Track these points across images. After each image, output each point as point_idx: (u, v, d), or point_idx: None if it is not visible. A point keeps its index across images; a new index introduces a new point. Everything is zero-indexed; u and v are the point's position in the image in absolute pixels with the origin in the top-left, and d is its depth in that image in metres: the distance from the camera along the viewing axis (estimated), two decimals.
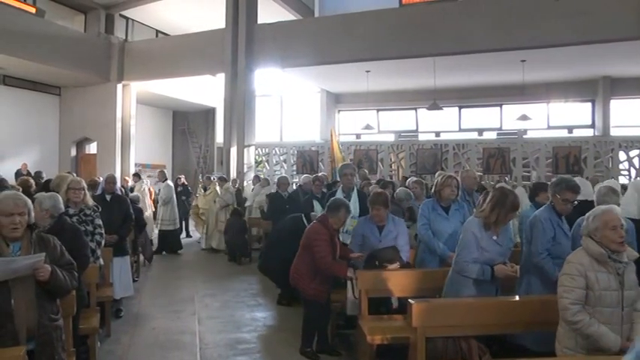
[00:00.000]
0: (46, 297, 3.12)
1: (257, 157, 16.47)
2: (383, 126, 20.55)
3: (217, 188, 12.60)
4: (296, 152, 15.89)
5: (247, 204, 12.56)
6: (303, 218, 6.79)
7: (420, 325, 3.67)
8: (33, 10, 15.87)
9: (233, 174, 15.11)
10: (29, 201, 3.22)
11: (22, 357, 2.72)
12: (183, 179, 15.31)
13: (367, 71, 15.68)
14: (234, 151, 15.51)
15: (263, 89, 18.37)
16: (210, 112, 21.67)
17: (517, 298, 4.31)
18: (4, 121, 16.37)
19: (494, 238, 4.11)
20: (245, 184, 14.88)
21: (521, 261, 4.53)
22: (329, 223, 5.22)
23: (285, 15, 17.45)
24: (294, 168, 15.89)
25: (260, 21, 15.77)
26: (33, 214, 3.22)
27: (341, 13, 14.97)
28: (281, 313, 7.07)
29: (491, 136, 17.88)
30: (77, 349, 4.16)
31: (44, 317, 3.08)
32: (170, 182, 12.79)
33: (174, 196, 12.50)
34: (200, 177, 15.69)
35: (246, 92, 15.46)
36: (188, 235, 14.45)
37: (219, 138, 19.06)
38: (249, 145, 15.56)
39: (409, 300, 3.81)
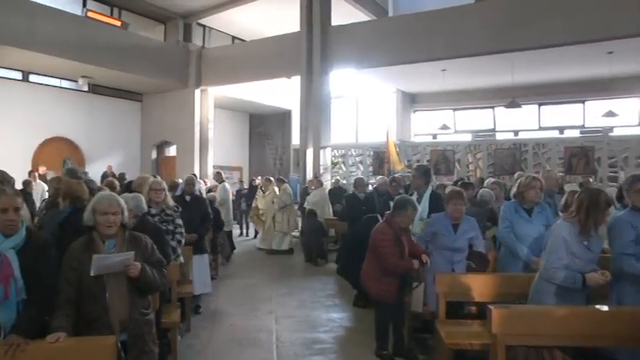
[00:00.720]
0: (136, 293, 3.29)
1: (333, 158, 16.51)
2: (459, 126, 20.17)
3: (275, 189, 12.72)
4: (372, 153, 15.78)
5: (305, 205, 12.70)
6: (379, 218, 6.74)
7: (500, 332, 3.52)
8: (118, 23, 16.86)
9: (309, 175, 15.25)
10: (122, 201, 3.41)
11: (114, 345, 2.89)
12: (257, 181, 15.56)
13: (443, 70, 15.41)
14: (310, 152, 15.64)
15: (338, 90, 18.41)
16: (286, 115, 21.95)
17: (606, 308, 3.89)
18: (93, 127, 17.40)
19: (585, 243, 3.84)
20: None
21: (611, 267, 4.21)
22: (395, 223, 5.17)
23: (359, 16, 17.42)
24: (371, 169, 15.78)
25: (334, 23, 15.83)
26: (126, 213, 3.41)
27: (415, 12, 14.78)
28: (357, 315, 7.04)
29: (573, 134, 17.10)
30: (159, 342, 4.31)
31: (135, 312, 3.26)
32: (227, 184, 12.98)
33: (230, 198, 12.65)
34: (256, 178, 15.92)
35: (321, 94, 15.55)
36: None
37: (295, 140, 19.25)
38: (325, 147, 15.64)
39: (488, 305, 3.67)
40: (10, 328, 2.88)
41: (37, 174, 12.07)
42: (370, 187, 11.65)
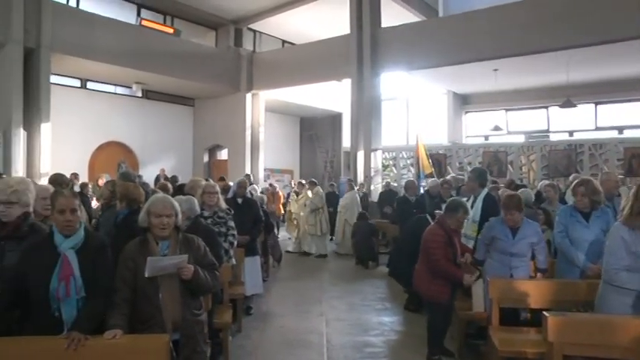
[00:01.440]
0: (189, 294, 3.37)
1: (384, 161, 16.40)
2: (512, 126, 19.75)
3: (308, 192, 12.74)
4: None
5: (338, 208, 12.81)
6: (429, 218, 6.69)
7: (557, 341, 3.39)
8: (171, 30, 17.30)
9: (360, 178, 15.24)
10: (176, 204, 3.50)
11: (166, 343, 2.98)
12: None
13: (495, 70, 15.14)
14: (360, 155, 15.62)
15: (389, 93, 18.33)
16: (336, 118, 22.00)
17: None
18: (146, 131, 17.93)
19: None
20: (372, 187, 14.91)
21: None
22: (446, 224, 5.08)
23: (409, 17, 17.29)
24: None
25: (384, 24, 15.77)
26: (180, 216, 3.49)
27: (466, 11, 14.54)
28: (408, 319, 6.97)
29: (633, 134, 16.49)
30: (211, 342, 4.41)
31: (187, 312, 3.34)
32: (256, 186, 13.09)
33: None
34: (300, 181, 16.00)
35: (372, 96, 15.54)
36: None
37: (346, 143, 19.28)
38: (375, 150, 15.58)
39: (543, 312, 3.55)
40: (71, 323, 3.00)
41: (74, 178, 12.43)
42: (421, 190, 11.55)
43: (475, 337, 5.63)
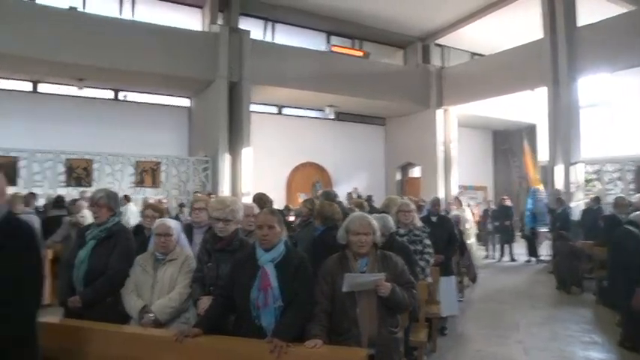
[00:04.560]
0: (386, 310, 3.38)
1: (586, 174, 15.02)
2: None
3: None
4: (633, 168, 13.87)
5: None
6: (632, 229, 5.99)
7: None
8: (361, 53, 18.07)
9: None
10: (374, 222, 3.55)
11: (365, 358, 3.01)
12: (508, 201, 14.93)
13: None
14: (558, 169, 14.53)
15: (589, 99, 16.86)
16: (530, 129, 20.90)
17: None
18: (339, 151, 18.77)
19: None
20: (573, 204, 13.70)
21: None
22: None
23: (611, 9, 15.34)
24: (632, 186, 13.82)
25: (581, 23, 14.57)
26: (378, 233, 3.54)
27: None
28: (624, 358, 6.01)
29: None
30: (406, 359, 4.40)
31: (384, 328, 3.35)
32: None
33: None
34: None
35: (569, 104, 14.45)
36: (512, 259, 14.13)
37: (542, 156, 18.16)
38: (575, 162, 14.40)
39: None
40: (270, 330, 3.20)
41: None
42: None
43: None
